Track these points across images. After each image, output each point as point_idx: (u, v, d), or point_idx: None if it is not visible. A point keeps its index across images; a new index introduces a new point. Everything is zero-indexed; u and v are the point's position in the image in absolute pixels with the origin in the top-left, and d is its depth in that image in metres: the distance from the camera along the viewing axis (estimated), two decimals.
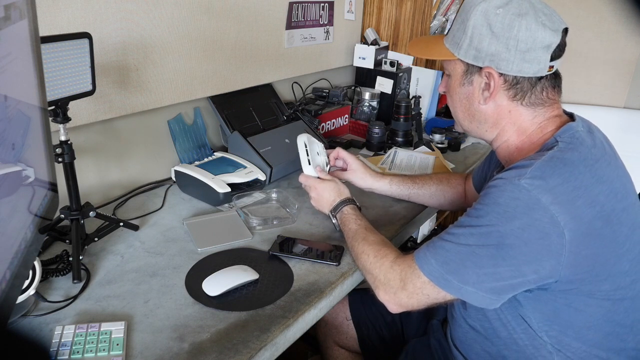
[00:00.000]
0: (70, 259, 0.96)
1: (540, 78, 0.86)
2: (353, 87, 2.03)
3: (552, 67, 0.85)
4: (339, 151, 1.27)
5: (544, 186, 0.75)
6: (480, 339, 0.94)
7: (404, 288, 0.86)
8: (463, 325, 0.98)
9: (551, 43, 0.83)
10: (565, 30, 0.85)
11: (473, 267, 0.79)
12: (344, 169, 1.29)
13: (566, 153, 0.80)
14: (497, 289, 0.80)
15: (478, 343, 0.96)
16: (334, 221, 1.14)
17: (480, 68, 0.88)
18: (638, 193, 0.88)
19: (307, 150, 1.20)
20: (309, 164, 1.19)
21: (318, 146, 1.23)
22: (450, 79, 0.95)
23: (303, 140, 1.20)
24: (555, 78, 0.88)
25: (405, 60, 2.05)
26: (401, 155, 1.63)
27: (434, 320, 1.14)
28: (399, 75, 1.94)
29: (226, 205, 1.28)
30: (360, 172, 1.26)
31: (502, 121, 0.91)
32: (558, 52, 0.85)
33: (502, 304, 0.84)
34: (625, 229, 0.80)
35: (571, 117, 0.90)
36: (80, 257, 0.97)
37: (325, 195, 1.16)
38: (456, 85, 0.94)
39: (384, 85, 1.97)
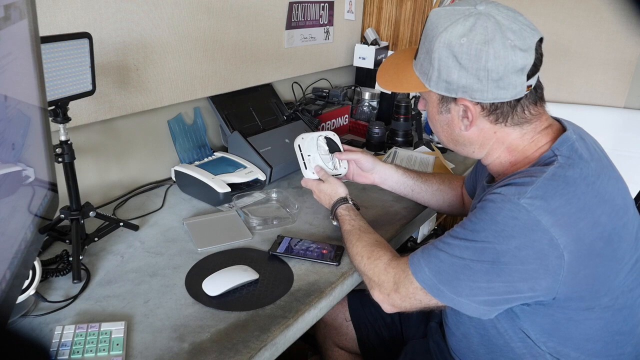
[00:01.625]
0: (70, 259, 0.96)
1: (519, 99, 0.82)
2: (353, 87, 2.03)
3: (530, 86, 0.81)
4: (347, 154, 1.24)
5: (545, 207, 0.73)
6: (474, 347, 0.94)
7: (397, 291, 0.86)
8: (456, 333, 0.98)
9: (525, 65, 0.78)
10: (540, 40, 0.80)
11: (466, 280, 0.78)
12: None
13: (568, 170, 0.77)
14: (490, 302, 0.79)
15: (472, 351, 0.95)
16: (334, 223, 1.14)
17: (455, 98, 0.84)
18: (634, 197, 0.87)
19: (302, 153, 1.20)
20: (305, 167, 1.20)
21: (321, 140, 1.21)
22: (428, 105, 0.91)
23: (297, 143, 1.21)
24: (535, 92, 0.84)
25: None
26: (401, 155, 1.63)
27: (432, 322, 1.14)
28: None
29: (226, 205, 1.28)
30: (368, 155, 1.24)
31: (489, 142, 0.87)
32: (534, 70, 0.80)
33: (499, 315, 0.83)
34: (625, 244, 0.79)
35: (559, 122, 0.87)
36: (80, 257, 0.97)
37: (323, 198, 1.17)
38: (434, 112, 0.90)
39: None
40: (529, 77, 0.80)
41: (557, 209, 0.73)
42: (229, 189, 1.26)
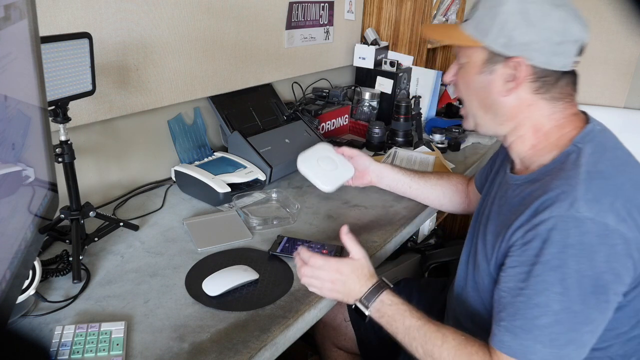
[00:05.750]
0: (70, 259, 0.96)
1: (564, 72, 0.83)
2: (353, 87, 2.03)
3: (576, 62, 0.83)
4: (343, 149, 1.26)
5: (604, 209, 0.71)
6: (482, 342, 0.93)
7: None
8: (465, 326, 0.96)
9: (581, 38, 0.81)
10: None
11: (584, 325, 0.72)
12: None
13: (598, 165, 0.76)
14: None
15: None
16: (367, 313, 0.89)
17: (507, 57, 0.83)
18: None
19: (308, 172, 1.17)
20: (322, 181, 1.15)
21: (322, 161, 1.21)
22: (465, 67, 0.89)
23: (300, 168, 1.17)
24: (574, 74, 0.85)
25: (405, 60, 2.05)
26: (401, 155, 1.63)
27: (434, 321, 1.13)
28: (399, 75, 1.94)
29: (226, 205, 1.28)
30: (365, 155, 1.24)
31: (519, 115, 0.86)
32: (581, 50, 0.82)
33: None
34: None
35: (584, 115, 0.88)
36: (80, 257, 0.97)
37: (339, 287, 0.90)
38: (473, 73, 0.88)
39: (384, 85, 1.97)
40: (577, 53, 0.82)
41: (612, 205, 0.72)
42: (229, 189, 1.26)
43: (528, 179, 0.85)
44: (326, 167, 1.20)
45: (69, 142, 0.97)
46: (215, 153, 1.48)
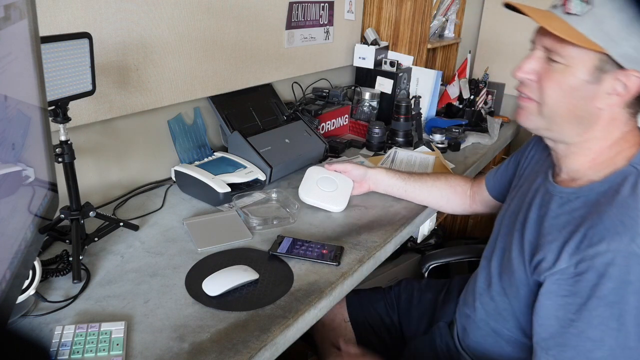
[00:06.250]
0: (70, 259, 0.96)
1: None
2: (353, 87, 2.03)
3: None
4: (335, 167, 1.29)
5: None
6: (502, 344, 0.92)
7: None
8: (483, 327, 0.96)
9: None
10: None
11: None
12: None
13: None
14: None
15: (498, 347, 0.93)
16: None
17: (621, 68, 0.76)
18: None
19: (316, 201, 1.24)
20: (331, 203, 1.22)
21: (320, 182, 1.26)
22: (562, 70, 0.79)
23: (304, 200, 1.25)
24: None
25: (405, 60, 2.05)
26: (401, 155, 1.63)
27: (440, 322, 1.13)
28: (399, 75, 1.94)
29: (226, 205, 1.28)
30: (357, 164, 1.26)
31: (600, 128, 0.81)
32: None
33: None
34: None
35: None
36: (80, 257, 0.97)
37: None
38: (577, 78, 0.78)
39: (384, 85, 1.97)
40: None
41: None
42: (229, 189, 1.26)
43: (577, 194, 0.81)
44: (328, 188, 1.22)
45: (69, 142, 0.97)
46: (215, 153, 1.48)
